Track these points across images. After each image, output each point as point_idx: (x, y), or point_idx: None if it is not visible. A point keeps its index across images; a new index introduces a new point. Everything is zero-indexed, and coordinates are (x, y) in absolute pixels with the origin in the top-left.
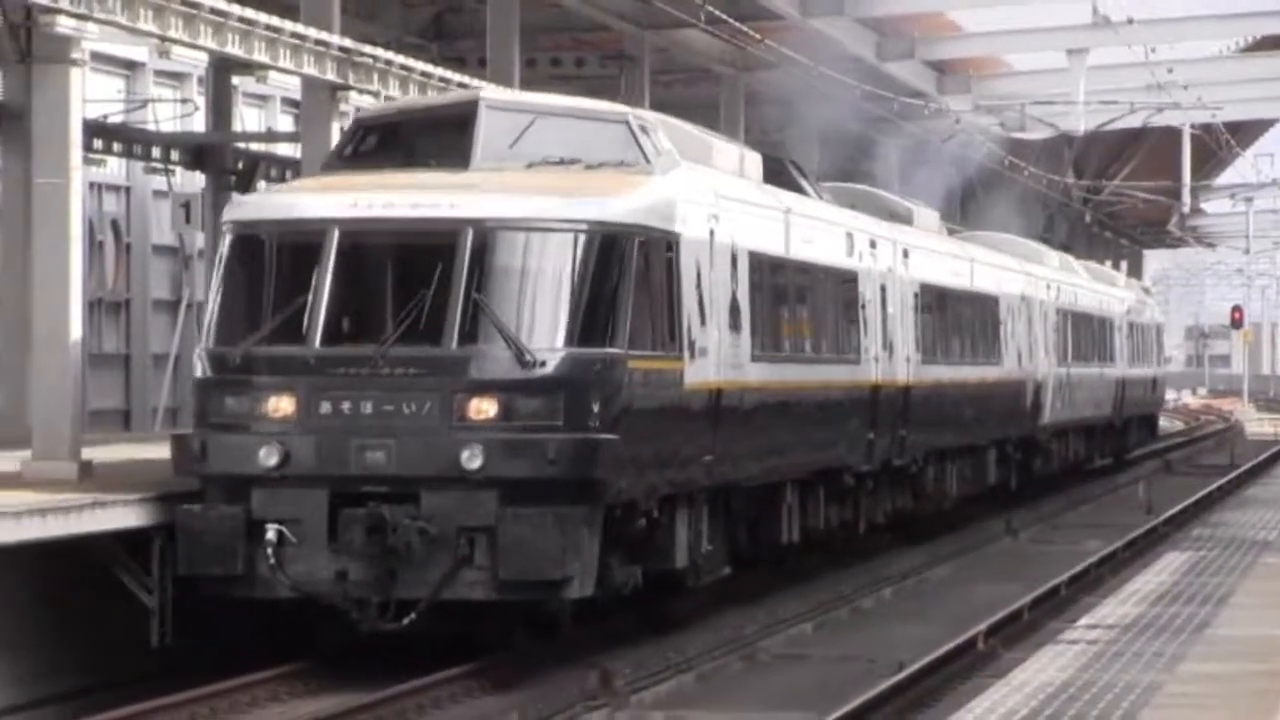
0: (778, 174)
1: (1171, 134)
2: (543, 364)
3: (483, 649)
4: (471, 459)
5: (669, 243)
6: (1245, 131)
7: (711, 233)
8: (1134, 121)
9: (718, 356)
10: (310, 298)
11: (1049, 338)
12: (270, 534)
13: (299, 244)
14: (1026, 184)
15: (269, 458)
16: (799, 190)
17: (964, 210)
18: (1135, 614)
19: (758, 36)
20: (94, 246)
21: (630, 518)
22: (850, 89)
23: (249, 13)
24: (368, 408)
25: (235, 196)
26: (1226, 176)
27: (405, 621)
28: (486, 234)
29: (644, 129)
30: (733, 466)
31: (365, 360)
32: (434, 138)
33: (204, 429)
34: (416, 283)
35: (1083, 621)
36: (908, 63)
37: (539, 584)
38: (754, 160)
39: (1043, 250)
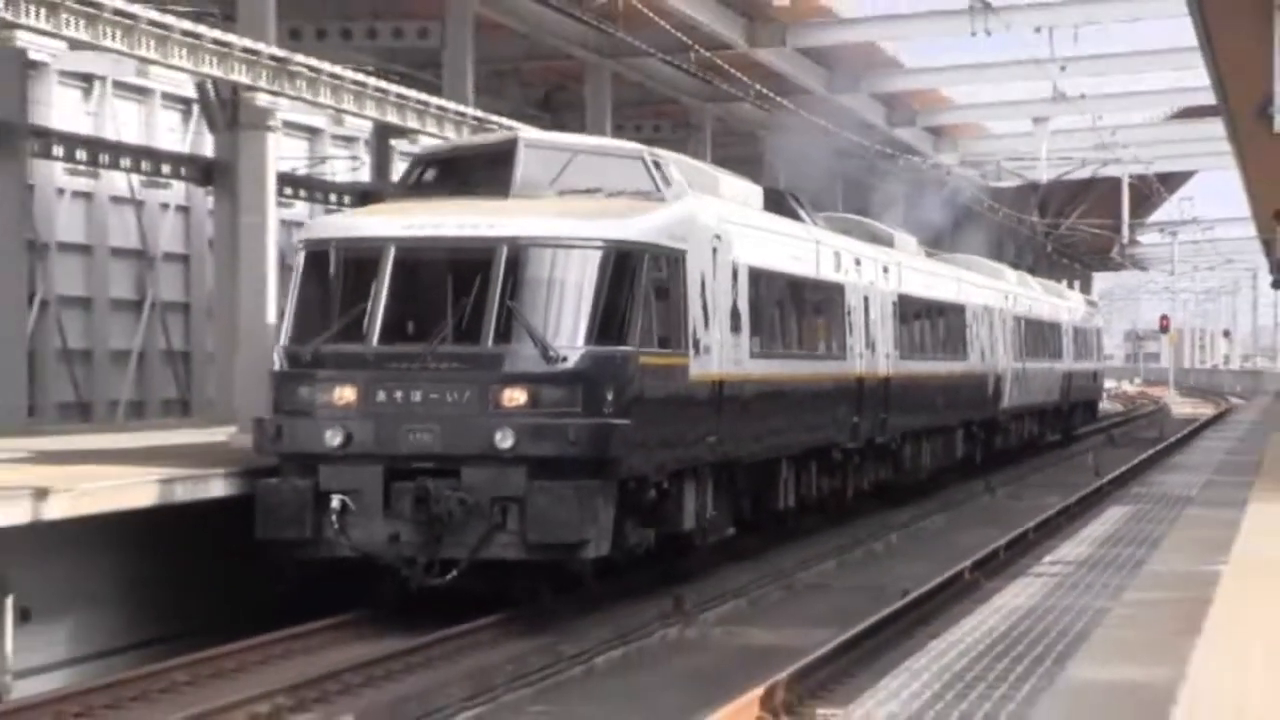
0: (778, 204)
1: (1114, 183)
2: (565, 360)
3: (513, 603)
4: (504, 439)
5: (676, 259)
6: (1171, 180)
7: (714, 250)
8: (1085, 173)
9: (720, 353)
10: (369, 304)
11: (1007, 338)
12: (335, 503)
13: (360, 259)
14: (1001, 221)
15: (334, 439)
16: (795, 217)
17: (952, 239)
18: (1088, 553)
19: (793, 108)
20: (284, 269)
21: (642, 489)
22: (866, 148)
23: (404, 90)
24: (417, 396)
25: (309, 219)
26: (1157, 215)
27: (449, 578)
28: (519, 250)
29: (657, 164)
30: (734, 446)
31: (415, 357)
32: (480, 171)
33: (280, 414)
34: (459, 291)
35: (1047, 559)
36: (910, 128)
37: (561, 546)
38: (755, 191)
39: (1003, 269)
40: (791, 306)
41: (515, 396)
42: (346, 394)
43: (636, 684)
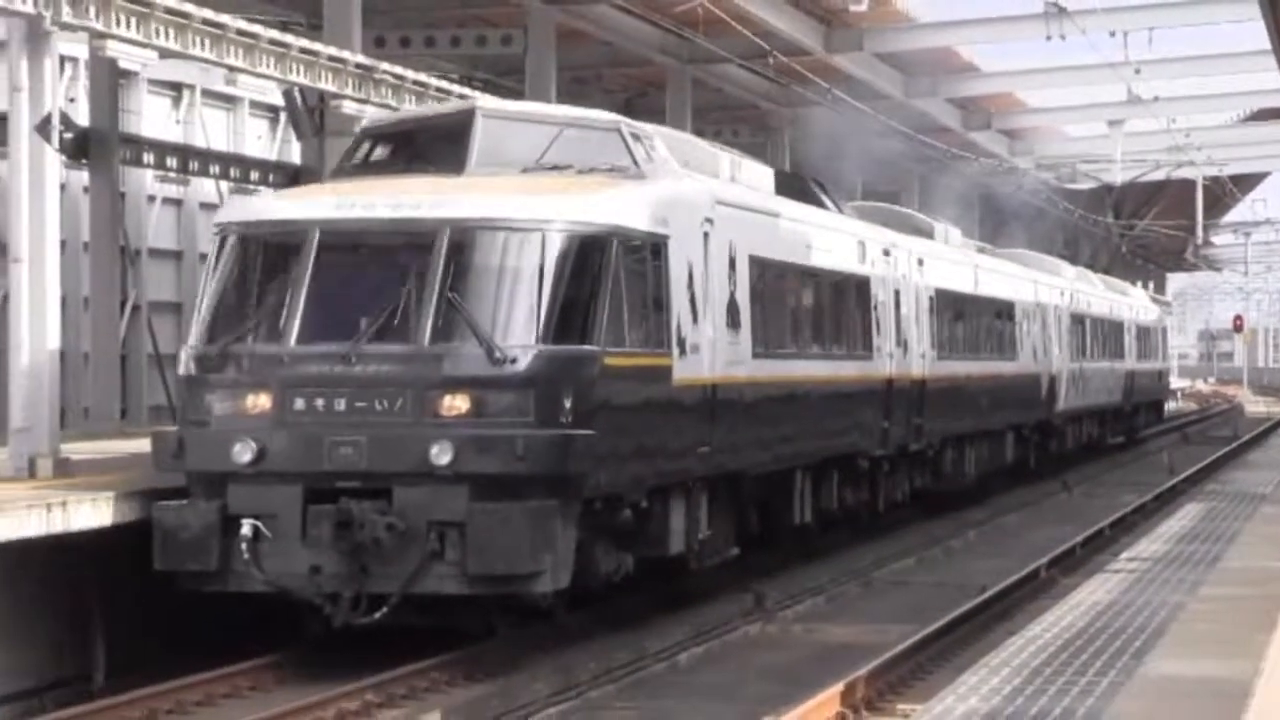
0: (797, 189)
1: (1188, 184)
2: (514, 361)
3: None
4: (441, 454)
5: (655, 244)
6: (1245, 182)
7: (706, 236)
8: (1159, 175)
9: (712, 353)
10: (289, 297)
11: (1063, 337)
12: (245, 529)
13: (281, 245)
14: (1076, 222)
15: (243, 454)
16: (818, 204)
17: (1020, 239)
18: (1163, 550)
19: (873, 114)
20: None
21: (614, 509)
22: (944, 151)
23: (476, 95)
24: (341, 404)
25: (228, 200)
26: (1230, 216)
27: (378, 616)
28: (463, 234)
29: (636, 137)
30: (732, 456)
31: (340, 358)
32: (433, 146)
33: (183, 425)
34: (395, 282)
35: (1123, 556)
36: (986, 132)
37: (509, 578)
38: (765, 173)
39: (1061, 265)
40: (805, 300)
41: (456, 404)
42: (259, 402)
43: (719, 679)
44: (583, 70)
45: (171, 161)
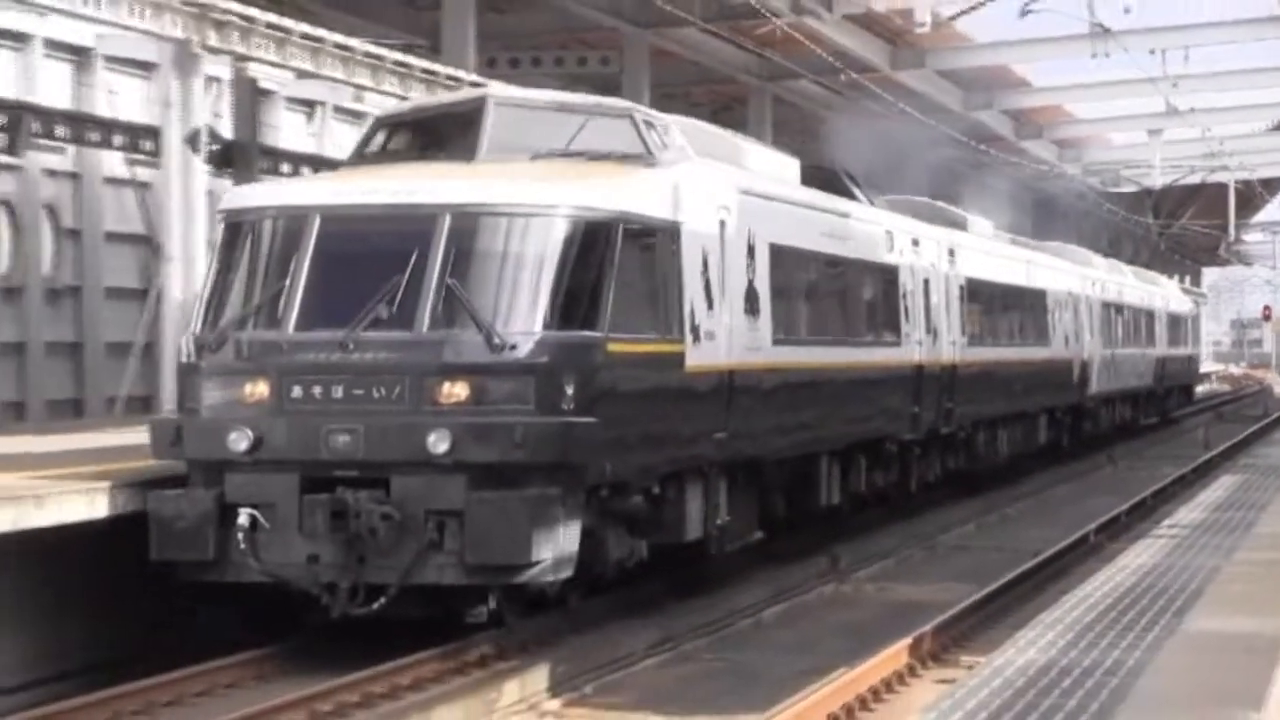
0: (826, 181)
1: (1221, 187)
2: (514, 347)
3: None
4: (439, 443)
5: (667, 231)
6: (1273, 184)
7: (723, 223)
8: (1194, 179)
9: (729, 340)
10: (288, 283)
11: (1095, 324)
12: (242, 519)
13: (282, 231)
14: (1119, 222)
15: (240, 442)
16: (848, 195)
17: (1064, 236)
18: (1202, 518)
19: (934, 125)
20: None
21: (623, 496)
22: (996, 158)
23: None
24: (338, 392)
25: (231, 187)
26: (1260, 216)
27: (375, 606)
28: (464, 219)
29: (649, 124)
30: (751, 442)
31: (338, 345)
32: (445, 134)
33: (181, 413)
34: (395, 268)
35: (1165, 523)
36: (1037, 140)
37: (507, 567)
38: (790, 164)
39: (1092, 257)
40: (829, 288)
41: (455, 391)
42: (257, 389)
43: (799, 634)
44: (672, 87)
45: (305, 171)
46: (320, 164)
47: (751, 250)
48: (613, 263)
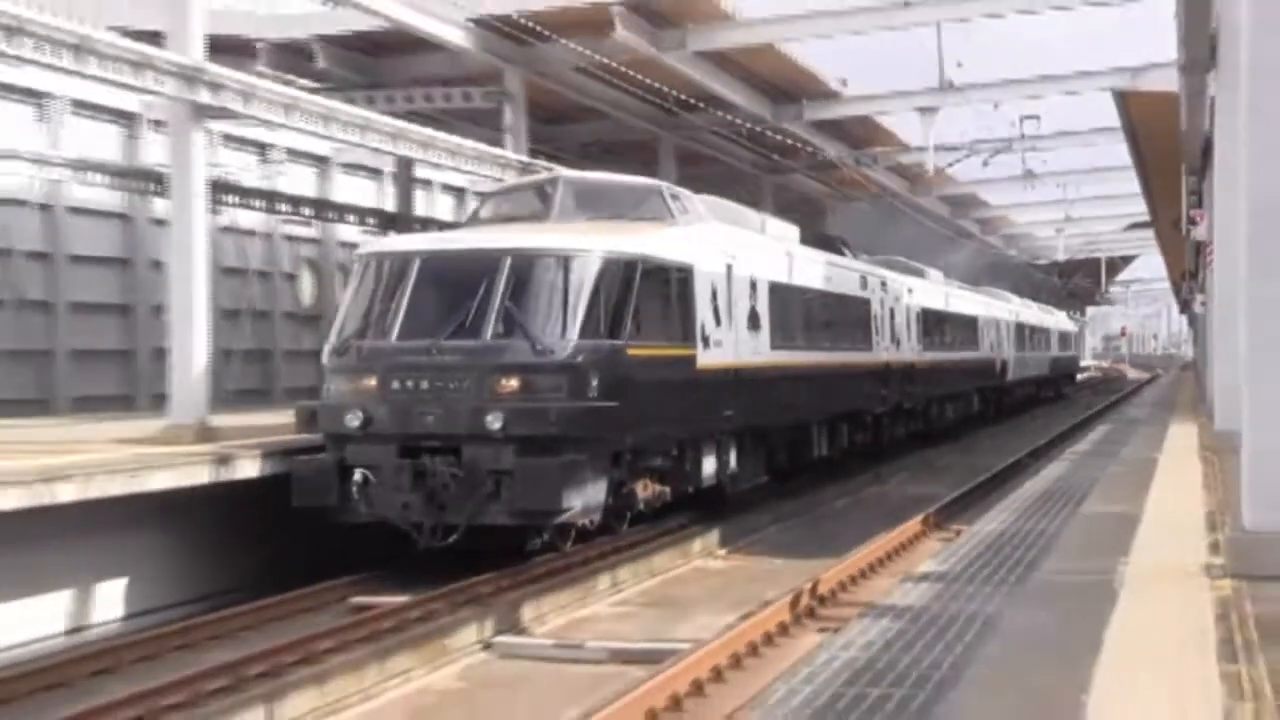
0: (825, 243)
1: (1097, 260)
2: (553, 352)
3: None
4: (494, 422)
5: (683, 269)
6: (1128, 260)
7: (729, 266)
8: (1081, 255)
9: (735, 347)
10: (395, 305)
11: (1011, 337)
12: (358, 476)
13: (395, 269)
14: (1039, 280)
15: (354, 420)
16: (839, 252)
17: (1013, 286)
18: (1088, 448)
19: (937, 226)
20: None
21: (646, 457)
22: (969, 243)
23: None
24: (425, 385)
25: (366, 239)
26: (1120, 276)
27: (450, 540)
28: (521, 259)
29: (674, 196)
30: (754, 417)
31: (424, 350)
32: (529, 203)
33: (321, 400)
34: (470, 295)
35: (1067, 451)
36: (994, 235)
37: (544, 512)
38: (792, 230)
39: (1011, 295)
40: (817, 313)
41: (508, 384)
42: (369, 382)
43: (858, 515)
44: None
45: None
46: (436, 224)
47: (754, 285)
48: (632, 290)
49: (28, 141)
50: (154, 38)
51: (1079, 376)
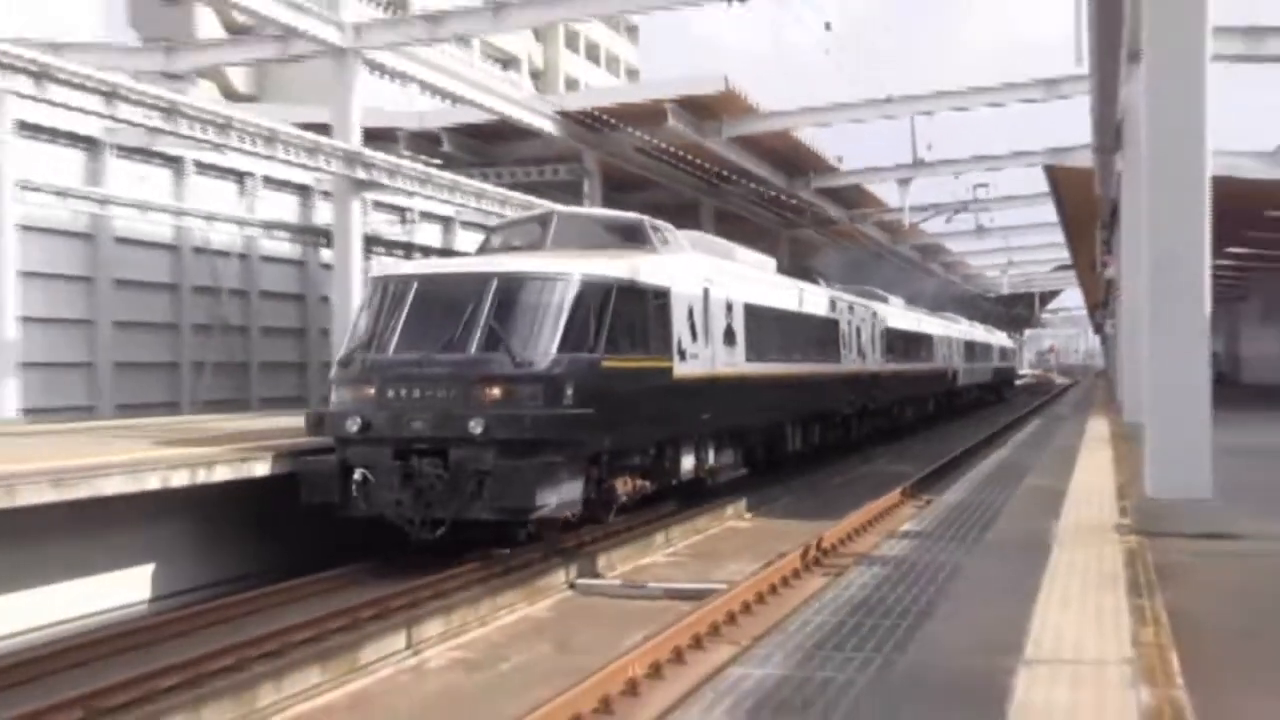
0: (803, 273)
1: (1031, 295)
2: (531, 364)
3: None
4: (476, 426)
5: (659, 291)
6: (1055, 294)
7: (707, 291)
8: (1021, 289)
9: (711, 359)
10: (394, 323)
11: (960, 351)
12: (358, 475)
13: (397, 291)
14: (989, 308)
15: (353, 425)
16: (813, 281)
17: (969, 313)
18: (1026, 438)
19: (912, 269)
20: None
21: (625, 457)
22: (910, 271)
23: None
24: (417, 393)
25: (377, 262)
26: (1050, 305)
27: (438, 534)
28: (506, 281)
29: (655, 229)
30: (730, 419)
31: (419, 363)
32: (529, 234)
33: (326, 406)
34: (461, 314)
35: (1009, 441)
36: (938, 266)
37: (520, 509)
38: (769, 262)
39: (959, 318)
40: (789, 330)
41: (490, 393)
42: (368, 391)
43: (851, 488)
44: (740, 240)
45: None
46: (413, 249)
47: (729, 306)
48: (608, 309)
49: (232, 208)
50: (323, 129)
51: (1017, 382)
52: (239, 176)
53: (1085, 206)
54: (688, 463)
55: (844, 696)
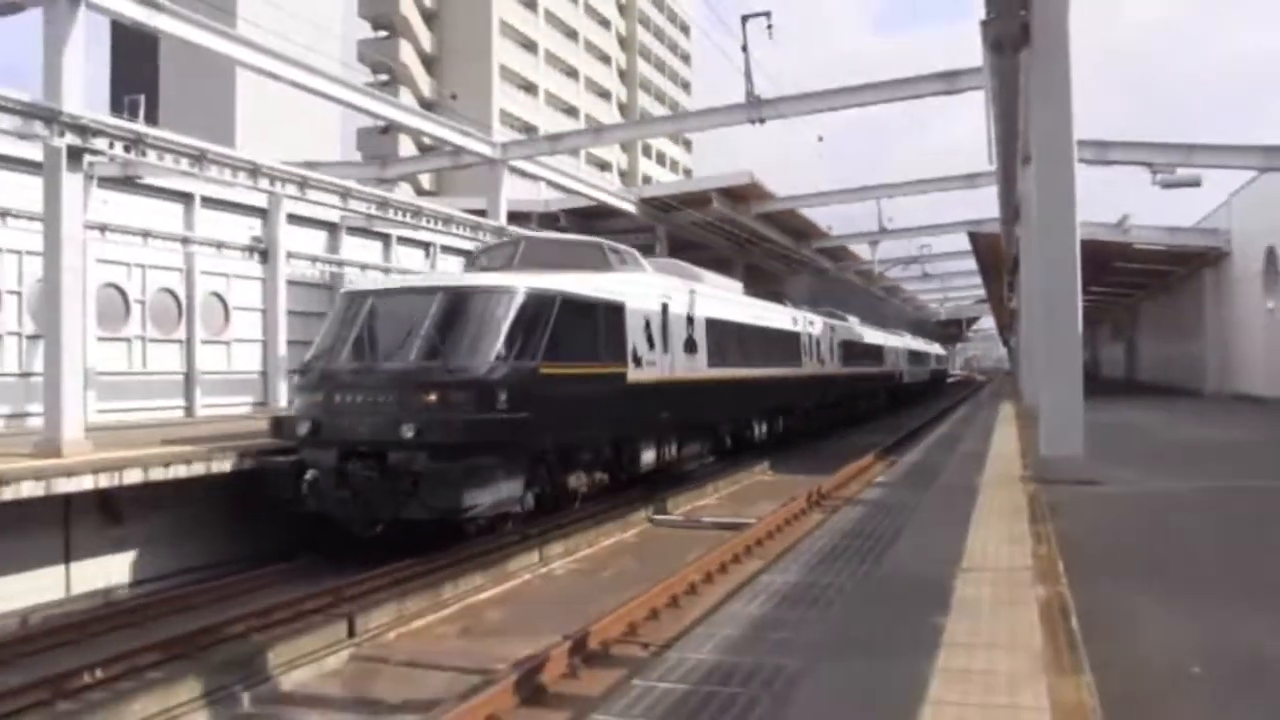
0: (771, 296)
1: (960, 320)
2: (465, 370)
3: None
4: (407, 431)
5: (612, 305)
6: (977, 319)
7: (665, 305)
8: (954, 316)
9: (671, 365)
10: (348, 335)
11: (905, 357)
12: (309, 475)
13: (355, 305)
14: (932, 327)
15: (304, 428)
16: (779, 301)
17: (915, 331)
18: (961, 416)
19: (884, 299)
20: None
21: (574, 455)
22: (876, 302)
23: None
24: (360, 399)
25: (349, 278)
26: (975, 327)
27: (378, 530)
28: (451, 294)
29: (614, 251)
30: (691, 415)
31: (363, 370)
32: (502, 256)
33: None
34: (407, 326)
35: (947, 420)
36: (900, 300)
37: (449, 509)
38: (736, 285)
39: (905, 333)
40: (751, 340)
41: (426, 399)
42: (319, 397)
43: (834, 453)
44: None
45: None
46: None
47: (690, 320)
48: (548, 321)
49: (420, 266)
50: (480, 213)
51: (949, 380)
52: (426, 246)
53: (995, 259)
54: (648, 456)
55: (839, 594)
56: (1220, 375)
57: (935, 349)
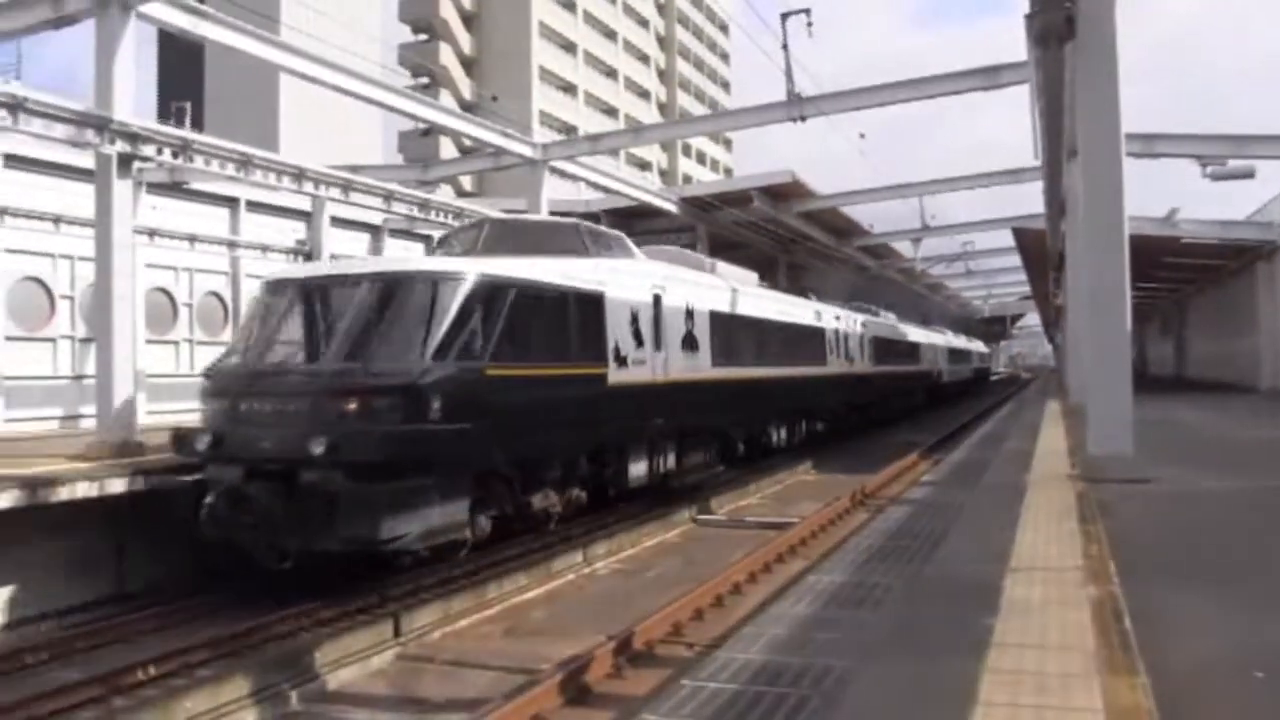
0: (796, 290)
1: (1003, 316)
2: (389, 374)
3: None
4: (317, 446)
5: (587, 296)
6: (1022, 315)
7: (658, 296)
8: (999, 313)
9: (664, 364)
10: (262, 330)
11: (945, 356)
12: (209, 497)
13: (275, 295)
14: (976, 324)
15: (203, 443)
16: (803, 295)
17: (958, 329)
18: (1006, 414)
19: (926, 296)
20: None
21: (539, 470)
22: (918, 299)
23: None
24: (268, 407)
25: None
26: (1020, 323)
27: (286, 564)
28: (380, 283)
29: (592, 234)
30: (696, 420)
31: (272, 373)
32: (466, 240)
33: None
34: (329, 319)
35: (992, 418)
36: (942, 298)
37: (368, 540)
38: (751, 275)
39: (945, 330)
40: (767, 337)
41: (345, 408)
42: (224, 404)
43: (878, 452)
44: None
45: None
46: None
47: (691, 313)
48: (499, 313)
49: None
50: (522, 214)
51: (993, 378)
52: None
53: (1040, 256)
54: (638, 469)
55: (887, 594)
56: (1276, 372)
57: (978, 346)
